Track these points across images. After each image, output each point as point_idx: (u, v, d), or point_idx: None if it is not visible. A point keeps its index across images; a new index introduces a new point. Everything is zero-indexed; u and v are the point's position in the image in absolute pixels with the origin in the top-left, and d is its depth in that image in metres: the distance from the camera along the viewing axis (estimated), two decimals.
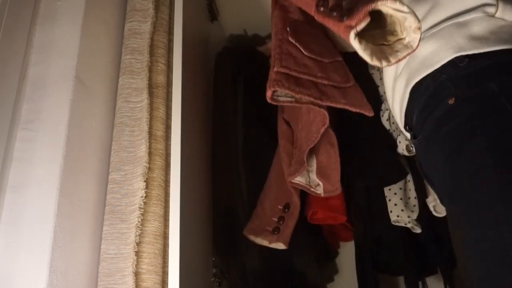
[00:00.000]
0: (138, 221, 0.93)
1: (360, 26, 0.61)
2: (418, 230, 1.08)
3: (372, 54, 0.63)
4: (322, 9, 0.66)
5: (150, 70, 1.11)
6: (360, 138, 1.13)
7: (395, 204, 1.08)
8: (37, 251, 0.83)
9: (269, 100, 0.88)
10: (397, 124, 1.09)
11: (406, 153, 1.06)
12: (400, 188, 1.10)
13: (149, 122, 1.04)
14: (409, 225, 1.08)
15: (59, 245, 0.85)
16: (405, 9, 0.60)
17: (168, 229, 0.92)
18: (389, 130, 1.13)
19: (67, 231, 0.88)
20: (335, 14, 0.64)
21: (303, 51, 0.91)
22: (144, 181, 0.96)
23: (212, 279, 1.10)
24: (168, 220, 0.93)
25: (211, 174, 1.25)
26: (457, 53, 0.74)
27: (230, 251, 1.19)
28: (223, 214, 1.21)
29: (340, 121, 1.14)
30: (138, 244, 0.92)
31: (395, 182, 1.10)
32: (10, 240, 0.84)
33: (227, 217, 1.22)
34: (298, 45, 0.92)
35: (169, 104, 1.09)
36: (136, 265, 0.89)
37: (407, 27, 0.62)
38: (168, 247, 0.90)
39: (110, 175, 1.01)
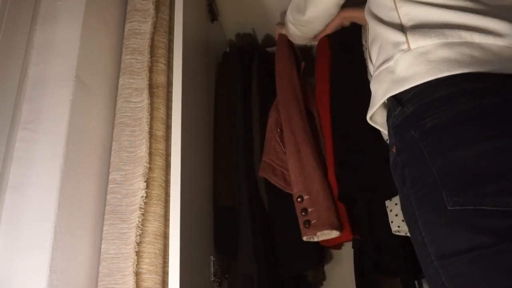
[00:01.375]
0: (139, 221, 0.93)
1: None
2: None
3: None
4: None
5: (151, 70, 1.11)
6: (360, 152, 1.14)
7: (396, 215, 1.08)
8: (37, 251, 0.83)
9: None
10: None
11: None
12: None
13: (150, 122, 1.04)
14: (409, 234, 1.08)
15: (59, 245, 0.85)
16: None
17: (169, 229, 0.92)
18: (385, 139, 1.13)
19: (67, 231, 0.88)
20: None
21: (283, 149, 1.21)
22: (145, 181, 0.96)
23: (212, 279, 1.09)
24: (169, 220, 0.92)
25: (212, 174, 1.25)
26: (384, 97, 0.80)
27: (231, 251, 1.19)
28: (223, 214, 1.21)
29: (341, 136, 1.18)
30: (139, 244, 0.92)
31: (392, 196, 1.11)
32: (10, 240, 0.84)
33: (228, 217, 1.22)
34: (281, 145, 1.22)
35: (169, 104, 1.09)
36: (136, 265, 0.89)
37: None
38: (168, 247, 0.90)
39: (111, 175, 1.01)
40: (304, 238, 1.11)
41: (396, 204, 1.10)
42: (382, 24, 0.84)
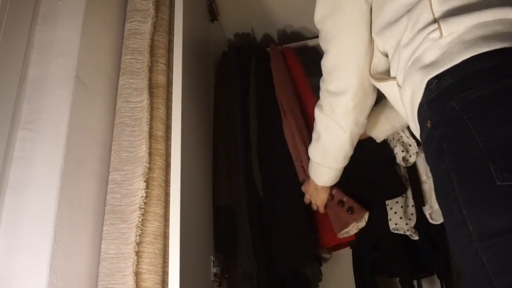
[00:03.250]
0: (139, 221, 0.93)
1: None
2: (415, 237, 1.09)
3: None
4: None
5: (150, 70, 1.11)
6: (361, 153, 1.13)
7: (395, 212, 1.09)
8: (37, 251, 0.83)
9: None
10: (394, 135, 1.10)
11: (403, 164, 1.08)
12: (403, 197, 1.11)
13: (150, 122, 1.04)
14: (407, 233, 1.08)
15: (59, 245, 0.85)
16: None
17: (168, 229, 0.92)
18: (387, 139, 1.14)
19: (67, 231, 0.88)
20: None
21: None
22: (145, 181, 0.96)
23: (212, 279, 1.10)
24: (168, 220, 0.92)
25: (211, 174, 1.25)
26: (422, 86, 0.76)
27: (230, 251, 1.19)
28: (223, 213, 1.21)
29: None
30: (139, 244, 0.92)
31: (395, 197, 1.12)
32: (10, 240, 0.84)
33: (227, 217, 1.22)
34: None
35: (169, 104, 1.09)
36: (136, 265, 0.89)
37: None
38: (168, 247, 0.90)
39: (111, 175, 1.01)
40: (350, 227, 1.14)
41: (397, 202, 1.10)
42: (401, 23, 0.81)
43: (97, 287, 0.92)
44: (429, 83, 0.74)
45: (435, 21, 0.76)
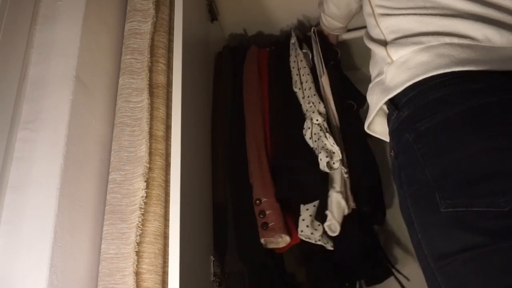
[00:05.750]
0: (139, 221, 0.93)
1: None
2: (329, 247, 1.09)
3: None
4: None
5: (150, 70, 1.11)
6: (288, 156, 1.18)
7: (303, 220, 1.10)
8: (37, 250, 0.83)
9: None
10: (318, 142, 1.12)
11: (327, 170, 1.09)
12: (314, 206, 1.13)
13: (150, 122, 1.04)
14: (319, 243, 1.08)
15: (59, 244, 0.85)
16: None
17: (168, 229, 0.92)
18: (312, 148, 1.16)
19: (67, 231, 0.88)
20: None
21: None
22: (145, 181, 0.96)
23: (212, 279, 1.10)
24: (168, 220, 0.93)
25: (211, 174, 1.25)
26: (376, 107, 0.84)
27: (223, 249, 1.19)
28: (222, 213, 1.22)
29: (276, 140, 1.24)
30: (139, 244, 0.92)
31: (312, 201, 1.13)
32: (10, 239, 0.84)
33: (226, 216, 1.22)
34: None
35: (169, 104, 1.09)
36: (136, 265, 0.90)
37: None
38: (168, 247, 0.90)
39: (111, 175, 1.01)
40: (262, 241, 1.13)
41: (307, 209, 1.13)
42: (373, 42, 0.88)
43: (97, 287, 0.92)
44: (391, 114, 0.81)
45: (384, 44, 0.83)
